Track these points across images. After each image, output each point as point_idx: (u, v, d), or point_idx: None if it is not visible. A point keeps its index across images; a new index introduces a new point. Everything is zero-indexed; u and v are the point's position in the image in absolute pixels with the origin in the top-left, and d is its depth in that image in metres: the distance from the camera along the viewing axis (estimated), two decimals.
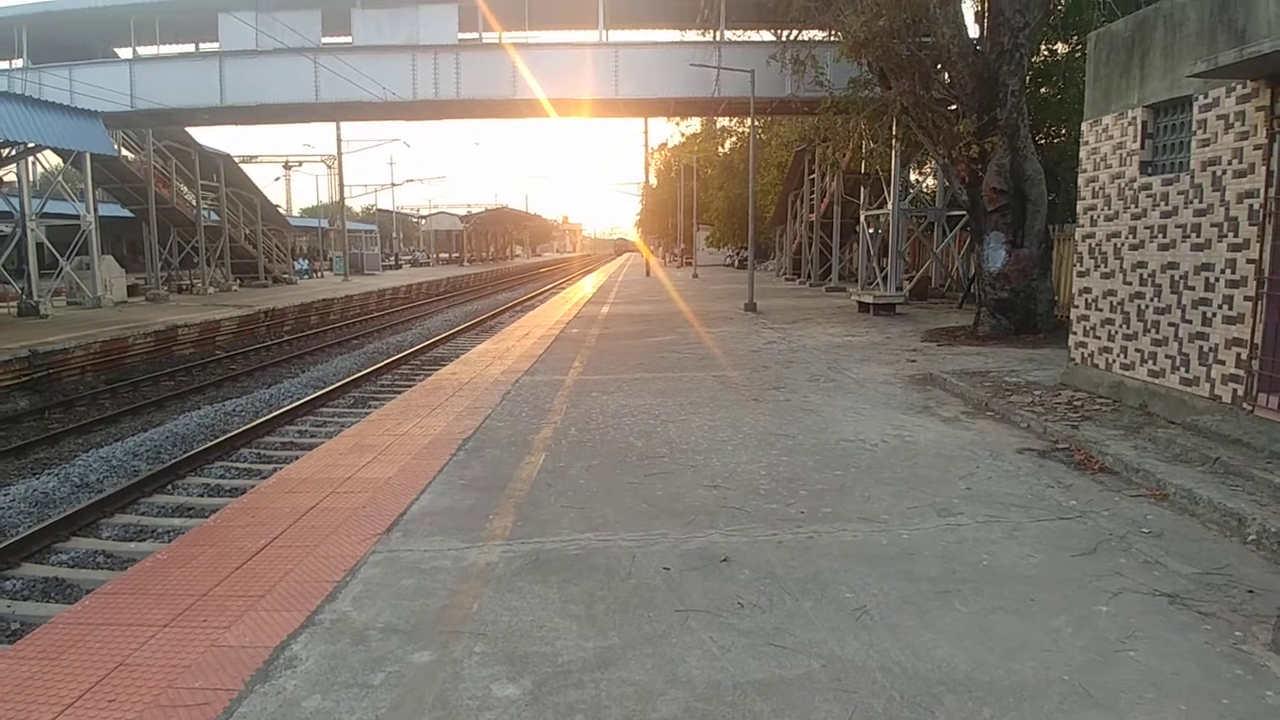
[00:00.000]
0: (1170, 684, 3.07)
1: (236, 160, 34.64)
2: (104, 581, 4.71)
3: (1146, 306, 7.51)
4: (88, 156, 21.33)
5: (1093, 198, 8.50)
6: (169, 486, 8.59)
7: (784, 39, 18.02)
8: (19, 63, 21.52)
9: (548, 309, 22.35)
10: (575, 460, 6.34)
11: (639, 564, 4.26)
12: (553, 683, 3.13)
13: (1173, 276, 7.12)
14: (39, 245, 20.75)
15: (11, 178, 20.88)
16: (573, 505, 5.24)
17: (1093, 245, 8.48)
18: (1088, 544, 4.45)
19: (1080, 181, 8.77)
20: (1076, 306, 8.80)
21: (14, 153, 17.81)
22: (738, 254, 50.18)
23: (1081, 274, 8.71)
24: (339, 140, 40.81)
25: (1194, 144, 6.84)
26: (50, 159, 22.53)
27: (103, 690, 3.14)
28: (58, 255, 21.76)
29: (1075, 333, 8.82)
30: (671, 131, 58.84)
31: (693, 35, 21.24)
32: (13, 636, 5.28)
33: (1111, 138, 8.14)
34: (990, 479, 5.68)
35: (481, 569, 4.23)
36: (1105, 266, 8.23)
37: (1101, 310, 8.29)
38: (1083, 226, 8.68)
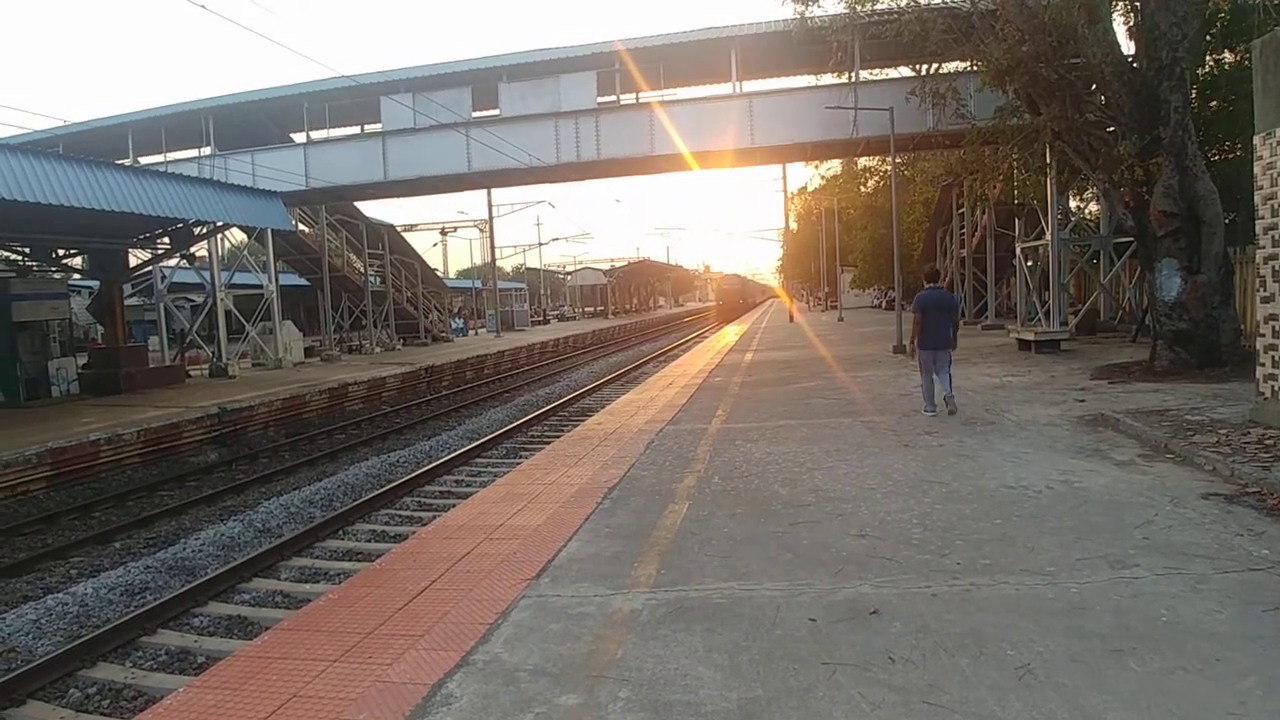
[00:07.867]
0: None
1: (398, 229, 37.33)
2: (281, 619, 5.09)
3: None
4: (269, 232, 23.68)
5: (1272, 216, 7.76)
6: (340, 532, 9.22)
7: (922, 73, 17.68)
8: (207, 150, 24.16)
9: (690, 358, 22.52)
10: (719, 509, 6.32)
11: (784, 614, 4.18)
12: None
13: None
14: (227, 313, 23.15)
15: (203, 253, 23.34)
16: (716, 554, 5.21)
17: (1276, 268, 7.71)
18: None
19: (1257, 199, 8.02)
20: (1263, 335, 7.98)
21: (205, 230, 19.95)
22: (884, 295, 48.83)
23: (1266, 299, 7.92)
24: (490, 205, 43.23)
25: None
26: (236, 235, 25.16)
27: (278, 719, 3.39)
28: (244, 321, 24.12)
29: (1263, 364, 7.99)
30: (811, 174, 58.40)
31: (827, 79, 21.19)
32: (199, 669, 5.77)
33: None
34: (1171, 527, 5.21)
35: (626, 615, 4.28)
36: None
37: None
38: (1263, 248, 7.92)
